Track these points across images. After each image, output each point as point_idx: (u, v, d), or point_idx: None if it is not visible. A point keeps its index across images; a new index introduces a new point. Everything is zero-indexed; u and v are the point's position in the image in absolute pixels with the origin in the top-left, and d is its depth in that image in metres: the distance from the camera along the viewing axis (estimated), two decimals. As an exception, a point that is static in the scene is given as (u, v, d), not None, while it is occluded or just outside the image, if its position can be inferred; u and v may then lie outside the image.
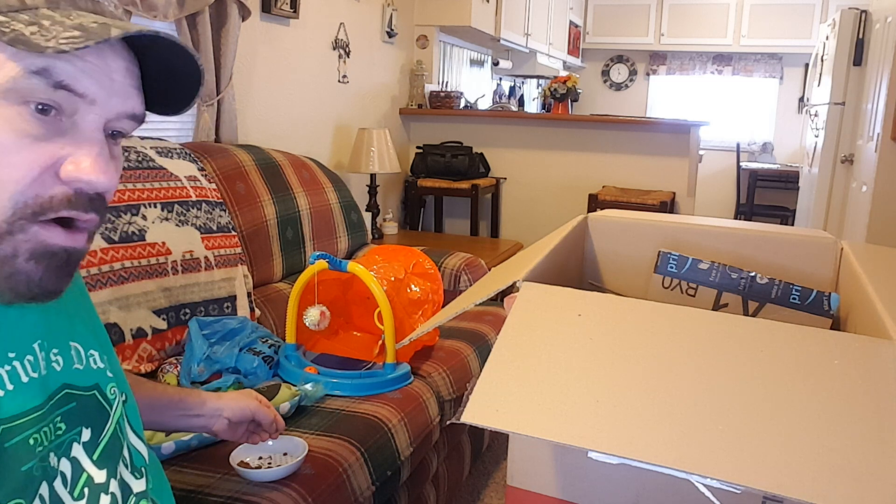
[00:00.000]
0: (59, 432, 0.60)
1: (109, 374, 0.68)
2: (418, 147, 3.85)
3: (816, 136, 4.61)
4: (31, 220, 0.52)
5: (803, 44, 6.02)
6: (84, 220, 0.56)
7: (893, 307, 0.76)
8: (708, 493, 0.70)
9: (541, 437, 0.61)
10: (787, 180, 6.06)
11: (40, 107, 0.52)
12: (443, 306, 1.33)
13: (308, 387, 1.44)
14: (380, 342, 1.71)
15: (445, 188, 3.67)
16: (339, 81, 3.23)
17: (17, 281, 0.53)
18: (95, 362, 0.67)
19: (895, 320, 0.72)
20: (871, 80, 3.86)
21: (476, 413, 0.64)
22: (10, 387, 0.56)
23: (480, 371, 0.68)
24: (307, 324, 1.59)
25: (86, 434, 0.63)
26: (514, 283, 0.82)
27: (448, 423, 1.59)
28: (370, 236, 2.65)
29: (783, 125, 6.60)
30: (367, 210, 3.25)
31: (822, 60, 4.68)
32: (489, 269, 2.32)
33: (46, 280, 0.55)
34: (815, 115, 4.74)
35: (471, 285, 2.26)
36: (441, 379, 1.70)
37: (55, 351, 0.62)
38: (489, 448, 2.26)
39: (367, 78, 3.48)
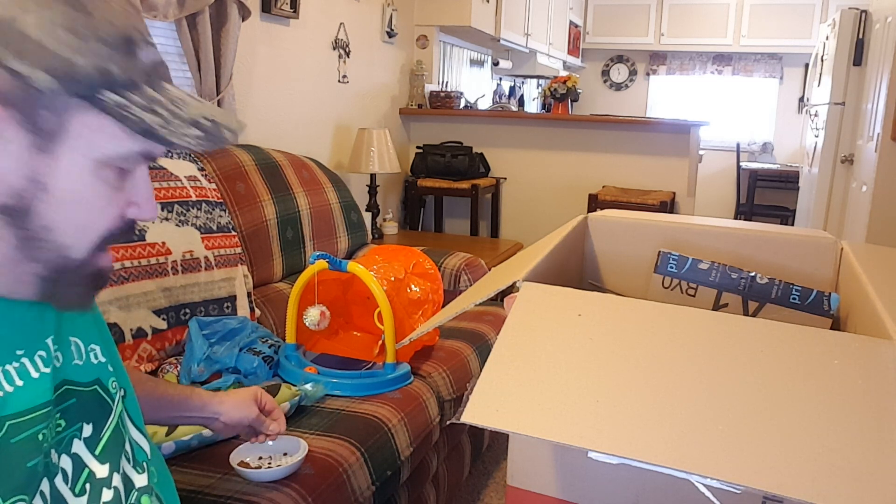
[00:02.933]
0: (59, 429, 0.60)
1: (110, 369, 0.69)
2: (418, 147, 3.85)
3: (816, 136, 4.61)
4: (98, 251, 0.60)
5: (803, 44, 6.01)
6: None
7: (893, 307, 0.76)
8: (708, 493, 0.70)
9: (541, 437, 0.61)
10: (787, 180, 6.05)
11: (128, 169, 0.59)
12: (443, 306, 1.33)
13: (308, 387, 1.44)
14: (380, 342, 1.71)
15: (445, 188, 3.67)
16: (339, 81, 3.23)
17: (76, 297, 0.61)
18: (96, 357, 0.67)
19: (895, 320, 0.72)
20: (871, 80, 3.86)
21: (476, 413, 0.64)
22: (19, 382, 0.56)
23: (480, 371, 0.68)
24: (307, 324, 1.59)
25: (87, 430, 0.63)
26: (514, 283, 0.82)
27: (448, 423, 1.59)
28: (370, 236, 2.64)
29: (783, 125, 6.60)
30: (367, 210, 3.25)
31: (822, 60, 4.68)
32: (489, 269, 2.32)
33: (86, 298, 0.62)
34: (815, 115, 4.74)
35: (471, 285, 2.26)
36: (441, 379, 1.70)
37: (55, 347, 0.62)
38: (489, 448, 2.26)
39: (367, 78, 3.48)
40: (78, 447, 0.62)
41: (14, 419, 0.55)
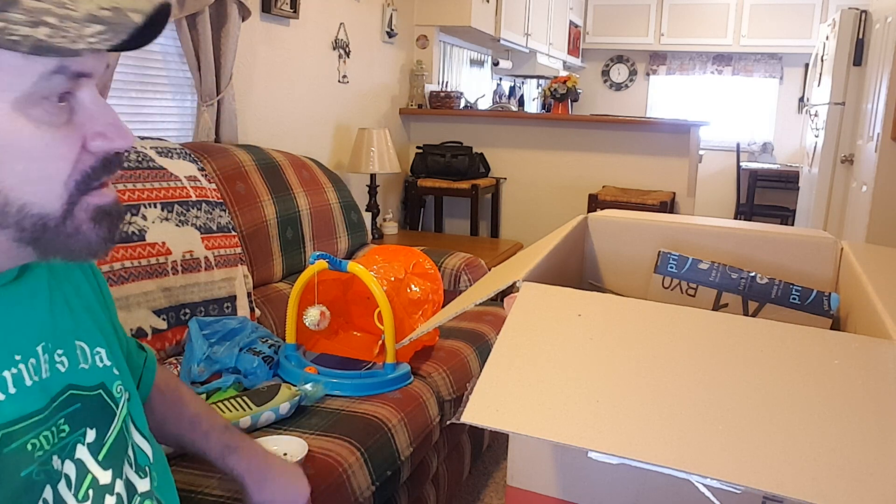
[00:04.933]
0: (63, 434, 0.60)
1: (116, 372, 0.68)
2: (418, 147, 3.85)
3: (816, 136, 4.61)
4: (82, 194, 0.55)
5: (803, 44, 6.01)
6: (112, 179, 0.59)
7: (893, 307, 0.76)
8: (708, 493, 0.70)
9: (541, 437, 0.61)
10: (787, 180, 6.05)
11: (61, 97, 0.52)
12: (443, 306, 1.33)
13: (308, 387, 1.44)
14: (380, 342, 1.71)
15: (445, 188, 3.67)
16: (339, 81, 3.23)
17: (82, 246, 0.56)
18: (101, 360, 0.66)
19: (895, 320, 0.72)
20: (871, 80, 3.86)
21: (476, 413, 0.64)
22: (12, 390, 0.56)
23: (480, 371, 0.68)
24: (307, 324, 1.59)
25: (90, 435, 0.62)
26: (514, 283, 0.82)
27: (448, 423, 1.59)
28: (370, 236, 2.64)
29: (783, 125, 6.60)
30: (367, 210, 3.25)
31: (822, 60, 4.68)
32: (489, 269, 2.32)
33: (108, 237, 0.58)
34: (815, 115, 4.74)
35: (471, 285, 2.26)
36: (441, 379, 1.70)
37: (60, 351, 0.62)
38: (489, 448, 2.26)
39: (367, 78, 3.48)
40: (81, 452, 0.61)
41: (7, 428, 0.54)
